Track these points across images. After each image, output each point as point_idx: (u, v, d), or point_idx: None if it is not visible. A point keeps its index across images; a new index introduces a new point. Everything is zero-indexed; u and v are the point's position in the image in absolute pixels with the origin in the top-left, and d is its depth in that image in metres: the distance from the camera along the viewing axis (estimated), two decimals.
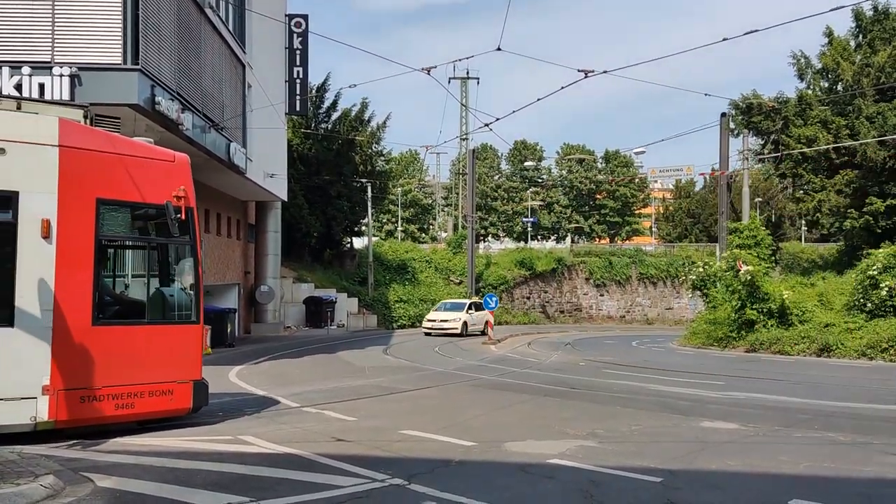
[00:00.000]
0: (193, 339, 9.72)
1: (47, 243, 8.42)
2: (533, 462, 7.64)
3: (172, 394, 9.37)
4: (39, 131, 8.50)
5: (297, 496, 6.26)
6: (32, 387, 8.26)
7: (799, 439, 9.08)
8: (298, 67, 30.68)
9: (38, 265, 8.38)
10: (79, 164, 8.66)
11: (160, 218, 9.34)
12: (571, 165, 78.38)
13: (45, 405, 8.29)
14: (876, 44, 34.44)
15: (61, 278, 8.48)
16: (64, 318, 8.45)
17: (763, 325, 24.72)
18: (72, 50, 14.64)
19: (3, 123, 8.40)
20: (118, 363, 8.90)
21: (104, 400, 8.73)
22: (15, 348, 8.21)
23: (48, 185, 8.46)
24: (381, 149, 44.07)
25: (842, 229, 36.24)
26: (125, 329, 9.27)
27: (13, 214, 8.32)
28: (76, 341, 8.52)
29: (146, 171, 9.31)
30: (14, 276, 8.28)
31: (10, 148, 8.29)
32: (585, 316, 48.43)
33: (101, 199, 8.86)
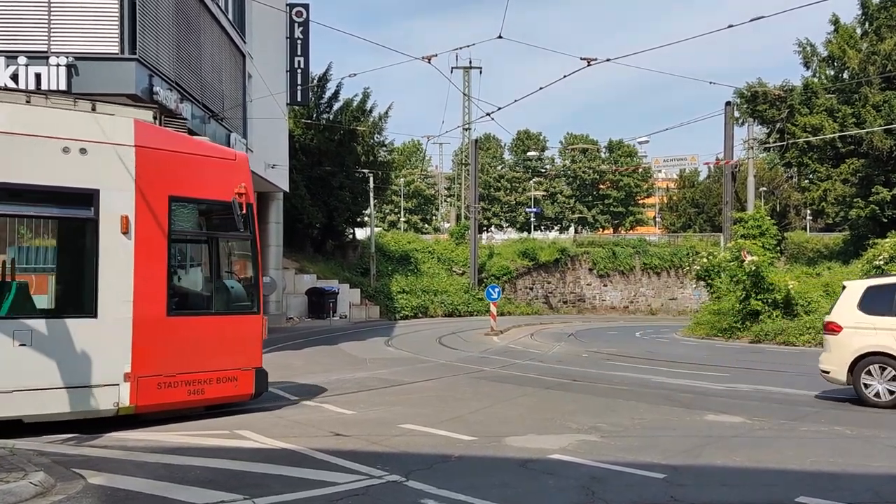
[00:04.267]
0: (255, 328, 10.20)
1: (126, 238, 8.88)
2: (534, 457, 7.50)
3: (237, 380, 9.89)
4: (117, 132, 8.94)
5: (291, 493, 6.12)
6: (115, 374, 8.73)
7: (805, 433, 8.93)
8: (300, 57, 30.46)
9: (118, 259, 8.84)
10: (152, 162, 9.11)
11: (224, 213, 9.80)
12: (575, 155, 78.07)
13: (126, 391, 8.79)
14: (882, 31, 34.12)
15: (139, 272, 8.94)
16: (142, 310, 8.91)
17: (768, 316, 24.54)
18: (69, 39, 14.47)
19: (83, 125, 8.82)
20: (189, 352, 9.39)
21: (178, 386, 9.25)
22: (98, 338, 8.67)
23: (126, 183, 8.90)
24: (384, 139, 43.87)
25: (847, 219, 36.01)
26: (195, 319, 9.78)
27: (95, 211, 8.75)
28: (153, 331, 9.01)
29: (211, 169, 9.82)
30: (97, 269, 8.73)
31: (90, 148, 8.73)
32: (589, 306, 48.27)
33: (173, 196, 9.31)
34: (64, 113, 8.87)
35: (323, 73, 39.90)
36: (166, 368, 9.12)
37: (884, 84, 33.46)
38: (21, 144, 8.40)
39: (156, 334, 9.04)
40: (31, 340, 8.32)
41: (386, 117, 42.41)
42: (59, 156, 8.58)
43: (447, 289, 41.20)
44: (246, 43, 23.73)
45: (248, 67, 23.66)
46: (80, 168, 8.69)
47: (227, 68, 21.30)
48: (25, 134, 8.44)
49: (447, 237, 50.59)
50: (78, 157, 8.68)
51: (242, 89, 23.17)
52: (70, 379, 8.49)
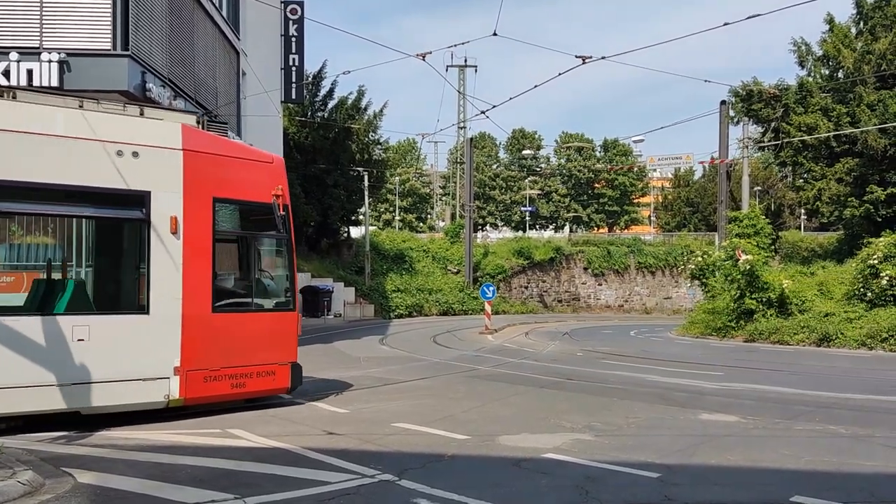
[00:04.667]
0: (291, 325, 10.69)
1: (175, 238, 9.29)
2: (527, 457, 7.45)
3: (275, 374, 10.33)
4: (166, 136, 9.37)
5: (283, 493, 6.07)
6: (165, 368, 9.17)
7: (800, 432, 8.90)
8: (294, 55, 30.33)
9: (168, 258, 9.24)
10: (198, 165, 9.54)
11: (262, 214, 10.32)
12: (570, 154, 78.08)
13: (176, 384, 9.22)
14: (877, 30, 34.12)
15: (187, 270, 9.36)
16: (190, 307, 9.35)
17: (762, 315, 24.53)
18: (61, 35, 14.34)
19: (135, 129, 9.24)
20: (232, 347, 9.83)
21: (223, 380, 9.71)
22: (150, 334, 9.13)
23: (175, 185, 9.32)
24: (378, 137, 43.76)
25: (841, 218, 36.04)
26: (237, 316, 10.17)
27: (146, 212, 9.15)
28: (199, 327, 9.44)
29: (250, 171, 10.25)
30: (149, 268, 9.15)
31: (142, 151, 9.13)
32: (583, 305, 48.27)
33: (216, 198, 9.76)
34: (116, 117, 9.28)
35: (317, 70, 39.87)
36: (211, 363, 9.55)
37: (878, 83, 33.47)
38: (78, 148, 8.75)
39: (202, 330, 9.46)
40: (89, 336, 8.68)
41: (381, 115, 42.37)
42: (114, 159, 8.95)
43: (442, 287, 41.14)
44: (240, 40, 23.62)
45: (242, 65, 23.56)
46: (132, 171, 9.06)
47: (220, 65, 21.20)
48: (81, 138, 8.78)
49: (442, 236, 50.52)
50: (131, 160, 9.07)
51: (236, 87, 23.07)
52: (124, 373, 8.92)
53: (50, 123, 8.68)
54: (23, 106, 8.67)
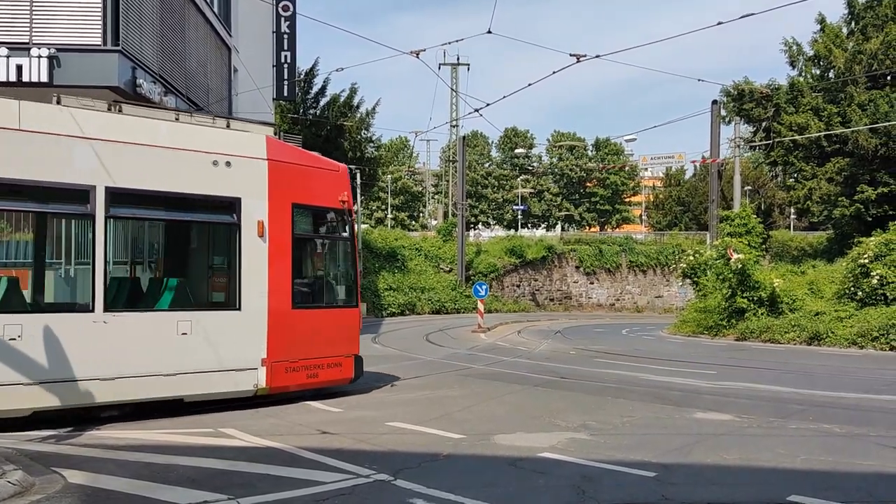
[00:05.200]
0: (355, 320, 11.58)
1: (262, 241, 10.17)
2: (523, 456, 7.40)
3: (341, 366, 11.21)
4: (253, 147, 10.25)
5: (277, 493, 5.99)
6: (254, 359, 10.02)
7: (794, 431, 8.89)
8: (286, 52, 30.19)
9: (256, 259, 10.11)
10: (280, 173, 10.41)
11: (331, 218, 11.37)
12: (562, 153, 78.17)
13: (263, 374, 10.08)
14: (868, 30, 34.31)
15: (271, 270, 10.22)
16: (274, 303, 10.20)
17: (753, 314, 24.58)
18: (50, 30, 14.20)
19: (226, 140, 10.08)
20: (307, 340, 10.65)
21: (300, 371, 10.58)
22: (242, 328, 9.97)
23: (261, 192, 10.19)
24: (371, 135, 43.66)
25: (831, 217, 36.21)
26: (311, 312, 10.96)
27: (237, 217, 10.00)
28: (282, 322, 10.28)
29: (321, 179, 11.16)
30: (240, 268, 9.99)
31: (234, 161, 9.97)
32: (575, 304, 48.32)
33: (295, 204, 10.62)
34: (210, 129, 10.13)
35: (310, 68, 39.68)
36: (291, 355, 10.38)
37: (869, 83, 33.65)
38: (179, 158, 9.55)
39: (284, 325, 10.30)
40: (191, 330, 9.49)
41: (373, 113, 42.22)
42: (210, 168, 9.78)
43: (434, 286, 41.07)
44: (232, 36, 23.48)
45: (233, 61, 23.42)
46: (226, 179, 9.90)
47: (212, 62, 21.06)
48: (182, 148, 9.58)
49: (434, 234, 50.45)
50: (224, 169, 9.89)
51: (228, 83, 22.92)
52: (220, 363, 9.72)
53: (154, 135, 9.42)
54: (130, 118, 9.42)
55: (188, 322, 9.51)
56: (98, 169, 8.90)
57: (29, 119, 8.58)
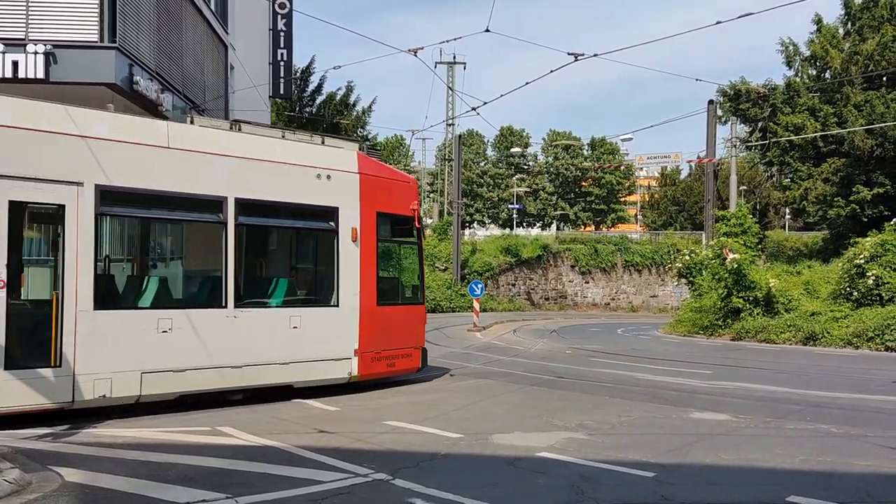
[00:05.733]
0: (422, 316, 13.15)
1: (355, 245, 11.52)
2: (521, 455, 7.40)
3: (411, 356, 12.62)
4: (347, 161, 11.60)
5: (275, 492, 5.97)
6: (348, 350, 11.34)
7: (792, 431, 8.90)
8: (283, 49, 30.08)
9: (350, 261, 11.44)
10: (368, 185, 11.74)
11: (403, 225, 12.71)
12: (557, 152, 78.16)
13: (355, 364, 11.40)
14: (864, 31, 34.37)
15: (362, 271, 11.57)
16: (364, 301, 11.56)
17: (749, 314, 24.62)
18: (47, 27, 14.14)
19: (326, 155, 11.41)
20: (388, 334, 11.95)
21: (382, 360, 11.94)
22: (339, 323, 11.29)
23: (354, 202, 11.52)
24: (367, 133, 43.62)
25: (826, 218, 36.27)
26: (391, 308, 12.27)
27: (336, 224, 11.32)
28: (369, 317, 11.60)
29: (397, 189, 12.55)
30: (338, 269, 11.33)
31: (333, 175, 11.29)
32: (570, 303, 48.35)
33: (378, 212, 11.92)
34: (313, 146, 11.44)
35: (306, 65, 39.63)
36: (376, 346, 11.73)
37: (865, 84, 33.71)
38: (290, 171, 10.87)
39: (371, 320, 11.61)
40: (300, 324, 10.75)
41: (369, 111, 42.24)
42: (315, 180, 11.09)
43: (429, 284, 40.93)
44: (228, 34, 23.42)
45: (230, 59, 23.36)
46: (326, 190, 11.19)
47: (208, 59, 21.00)
48: (292, 163, 10.90)
49: (430, 233, 50.44)
50: (326, 181, 11.20)
51: (224, 81, 22.87)
52: (322, 354, 11.04)
53: (271, 152, 10.73)
54: (251, 137, 10.74)
55: (298, 317, 10.83)
56: (229, 182, 10.14)
57: (175, 138, 9.78)
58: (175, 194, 9.73)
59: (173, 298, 10.03)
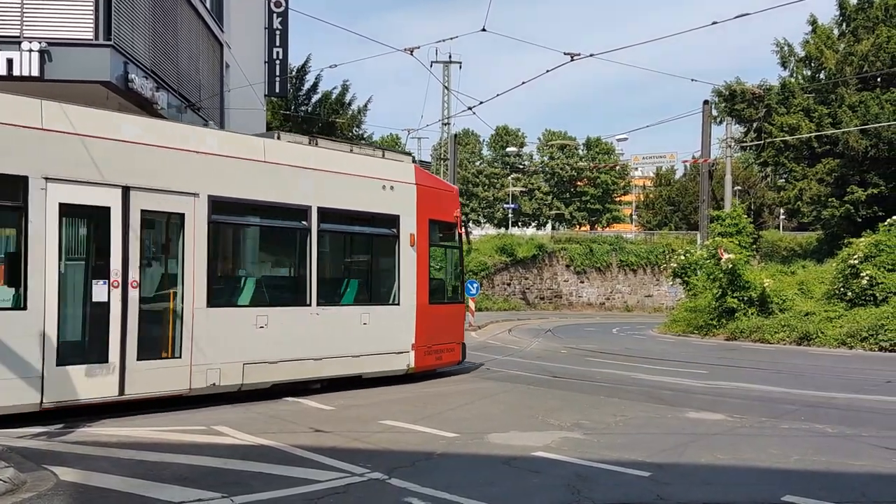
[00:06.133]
0: (462, 313, 14.62)
1: (412, 250, 12.77)
2: (517, 455, 7.40)
3: (454, 350, 13.82)
4: (406, 174, 12.92)
5: (271, 491, 5.96)
6: (406, 344, 12.61)
7: (787, 431, 8.92)
8: (278, 48, 29.99)
9: (408, 264, 12.69)
10: (422, 195, 13.04)
11: (447, 230, 13.90)
12: (553, 152, 78.19)
13: (412, 356, 12.68)
14: (859, 32, 34.45)
15: (418, 273, 12.82)
16: (419, 300, 12.83)
17: (743, 314, 24.69)
18: (42, 24, 14.06)
19: (389, 168, 12.69)
20: (436, 330, 13.16)
21: (433, 354, 13.13)
22: (400, 319, 12.54)
23: (412, 210, 12.80)
24: (363, 132, 43.50)
25: (820, 218, 36.35)
26: (438, 307, 13.36)
27: (396, 230, 12.58)
28: (423, 315, 12.83)
29: (443, 198, 13.83)
30: (399, 271, 12.55)
31: (395, 186, 12.57)
32: (565, 303, 48.40)
33: (430, 219, 13.19)
34: (378, 160, 12.65)
35: (302, 64, 39.50)
36: (428, 341, 12.93)
37: (860, 85, 33.79)
38: (361, 183, 12.05)
39: (424, 317, 12.82)
40: (369, 321, 11.96)
41: (365, 110, 42.08)
42: (380, 191, 12.29)
43: None
44: (224, 32, 23.35)
45: (225, 57, 23.29)
46: (390, 200, 12.42)
47: (204, 57, 20.93)
48: (362, 175, 12.08)
49: None
50: (389, 192, 12.43)
51: (220, 79, 22.80)
52: (386, 347, 12.30)
53: (344, 165, 11.86)
54: (328, 151, 11.88)
55: (367, 314, 12.05)
56: (312, 192, 11.23)
57: (269, 152, 10.89)
58: (270, 203, 10.87)
59: (267, 297, 11.14)
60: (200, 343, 9.79)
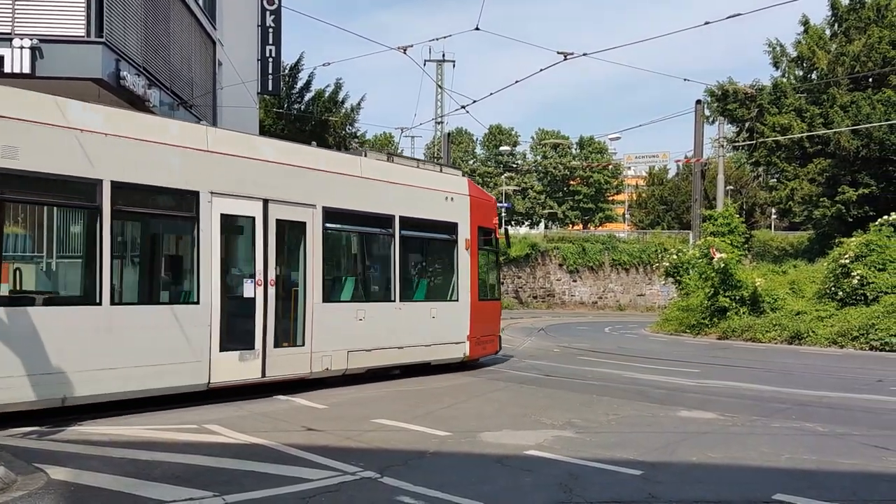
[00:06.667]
0: (499, 309, 16.46)
1: (467, 253, 14.58)
2: (510, 454, 7.40)
3: (493, 342, 15.55)
4: (462, 186, 14.77)
5: (263, 490, 5.95)
6: (463, 336, 14.39)
7: (778, 430, 8.96)
8: (271, 46, 29.92)
9: (464, 265, 14.53)
10: (474, 205, 14.85)
11: (487, 236, 15.46)
12: (546, 151, 78.26)
13: (467, 347, 14.47)
14: (851, 32, 34.57)
15: (471, 273, 14.66)
16: (472, 297, 14.65)
17: (735, 313, 24.78)
18: (33, 21, 13.99)
19: (449, 182, 14.52)
20: (483, 323, 14.94)
21: (480, 344, 14.85)
22: (458, 314, 14.38)
23: (466, 219, 14.57)
24: (356, 131, 43.40)
25: (812, 218, 36.46)
26: (484, 303, 15.13)
27: (455, 236, 14.42)
28: (475, 310, 14.66)
29: (486, 207, 15.63)
30: (457, 272, 14.43)
31: (455, 198, 14.42)
32: (558, 301, 48.45)
33: (479, 226, 14.97)
34: (441, 175, 14.56)
35: (295, 62, 39.39)
36: (478, 333, 14.69)
37: (852, 85, 33.91)
38: (430, 195, 13.90)
39: (475, 312, 14.63)
40: (437, 315, 13.84)
41: (358, 109, 41.96)
42: (443, 202, 14.14)
43: None
44: (216, 30, 23.27)
45: (218, 55, 23.21)
46: (451, 210, 14.27)
47: (196, 55, 20.86)
48: (432, 189, 13.96)
49: None
50: (450, 202, 14.28)
51: (213, 77, 22.72)
52: (449, 338, 14.10)
53: (415, 178, 13.70)
54: (404, 168, 13.76)
55: (435, 309, 13.87)
56: (394, 202, 12.97)
57: (365, 169, 12.72)
58: (365, 213, 12.62)
59: (363, 294, 12.87)
60: (317, 333, 11.44)
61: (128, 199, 9.34)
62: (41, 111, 8.62)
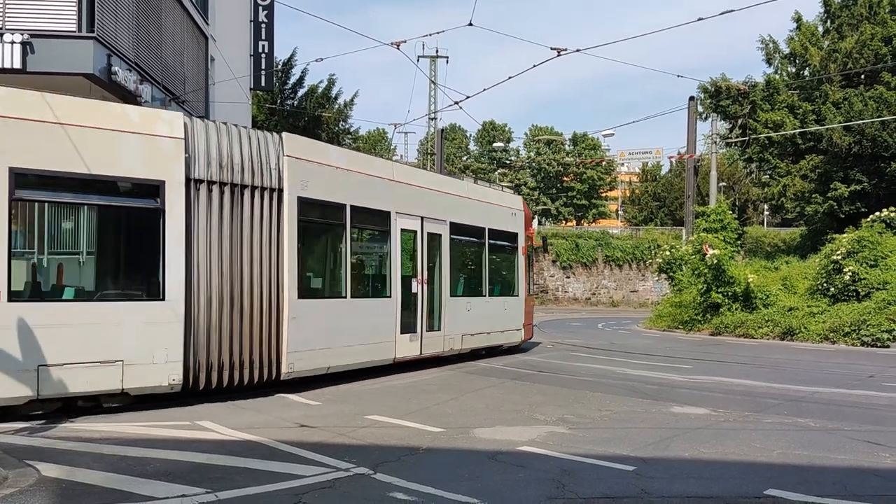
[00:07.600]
0: (531, 303, 19.09)
1: (522, 257, 17.89)
2: (503, 449, 7.41)
3: (531, 329, 18.66)
4: (518, 203, 18.37)
5: (255, 486, 5.94)
6: (520, 324, 17.81)
7: (770, 425, 8.99)
8: (264, 41, 29.82)
9: (520, 267, 17.84)
10: (525, 219, 18.21)
11: (528, 242, 18.34)
12: (539, 147, 78.24)
13: (521, 333, 17.95)
14: (843, 29, 34.64)
15: (524, 273, 17.99)
16: (523, 293, 17.97)
17: (728, 309, 24.84)
18: (24, 16, 13.90)
19: (510, 200, 18.17)
20: (529, 313, 18.33)
21: (526, 330, 18.20)
22: (518, 306, 17.75)
23: (521, 229, 17.95)
24: (349, 127, 43.33)
25: (804, 214, 36.55)
26: (530, 298, 18.63)
27: (515, 244, 17.73)
28: (526, 303, 18.14)
29: (528, 219, 18.63)
30: (517, 272, 17.81)
31: (516, 212, 17.81)
32: (551, 298, 48.47)
33: (526, 235, 18.19)
34: (503, 193, 18.23)
35: (288, 58, 39.26)
36: (527, 321, 18.13)
37: (844, 81, 33.97)
38: (497, 209, 17.04)
39: (526, 305, 18.15)
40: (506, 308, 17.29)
41: (351, 104, 41.88)
42: (510, 216, 17.51)
43: None
44: (209, 25, 23.17)
45: (210, 50, 23.11)
46: (513, 222, 17.60)
47: (189, 50, 20.76)
48: (497, 204, 17.15)
49: None
50: (513, 216, 17.62)
51: (205, 72, 22.62)
52: (512, 326, 17.44)
53: (492, 197, 17.10)
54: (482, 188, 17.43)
55: (506, 302, 17.16)
56: (484, 218, 16.36)
57: (470, 191, 16.27)
58: (471, 226, 15.81)
59: (468, 290, 15.86)
60: (447, 321, 14.69)
61: (359, 218, 12.48)
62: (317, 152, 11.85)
